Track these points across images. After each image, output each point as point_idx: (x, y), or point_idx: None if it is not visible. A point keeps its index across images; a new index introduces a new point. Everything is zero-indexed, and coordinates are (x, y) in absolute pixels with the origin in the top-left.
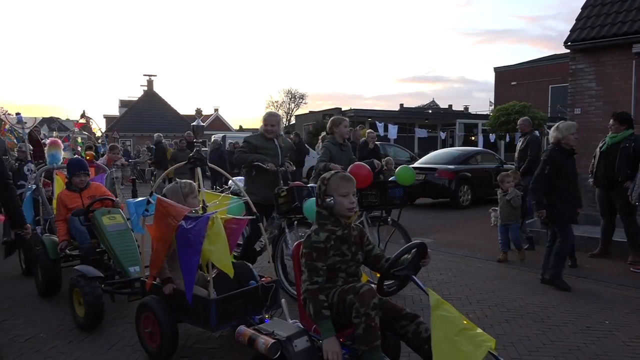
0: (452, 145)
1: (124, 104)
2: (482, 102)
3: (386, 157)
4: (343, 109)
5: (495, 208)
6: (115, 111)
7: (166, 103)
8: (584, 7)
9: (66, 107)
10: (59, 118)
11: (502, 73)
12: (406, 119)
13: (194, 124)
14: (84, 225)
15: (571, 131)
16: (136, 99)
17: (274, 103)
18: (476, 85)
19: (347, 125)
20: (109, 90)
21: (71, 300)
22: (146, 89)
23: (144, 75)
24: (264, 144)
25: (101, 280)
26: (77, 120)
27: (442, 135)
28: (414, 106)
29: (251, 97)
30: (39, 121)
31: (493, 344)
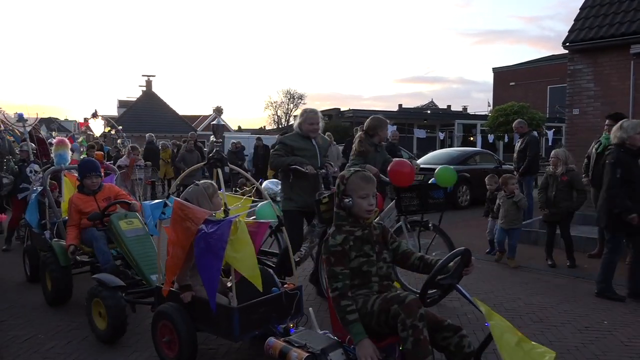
0: (450, 146)
1: (122, 104)
2: (480, 102)
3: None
4: (342, 109)
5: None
6: (114, 111)
7: (165, 103)
8: (582, 8)
9: (65, 108)
10: (57, 118)
11: (500, 73)
12: (405, 119)
13: (213, 122)
14: (100, 230)
15: (637, 130)
16: (135, 99)
17: (272, 103)
18: (475, 86)
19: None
20: (108, 90)
21: (90, 311)
22: (145, 89)
23: (143, 76)
24: (301, 143)
25: (122, 290)
26: (75, 120)
27: (441, 135)
28: (413, 107)
29: (250, 97)
30: (38, 119)
31: (555, 355)
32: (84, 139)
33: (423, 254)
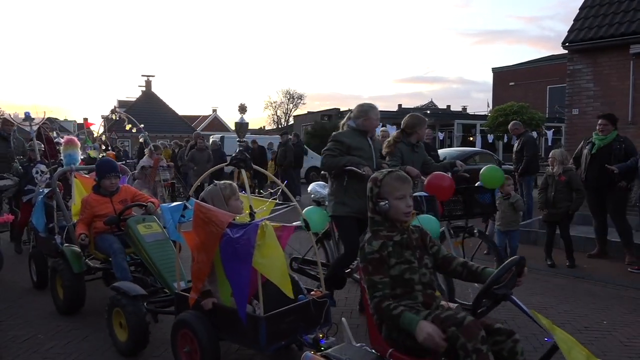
0: (450, 146)
1: (122, 104)
2: (480, 102)
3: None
4: (341, 109)
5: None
6: None
7: (164, 104)
8: (581, 8)
9: (65, 108)
10: (57, 119)
11: (500, 74)
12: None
13: (237, 121)
14: (116, 235)
15: None
16: (134, 99)
17: (272, 104)
18: (474, 86)
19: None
20: (107, 90)
21: (110, 322)
22: (144, 89)
23: (142, 76)
24: (358, 141)
25: (144, 299)
26: (74, 120)
27: (440, 135)
28: (413, 107)
29: (249, 97)
30: (45, 118)
31: None
32: (89, 138)
33: (466, 260)
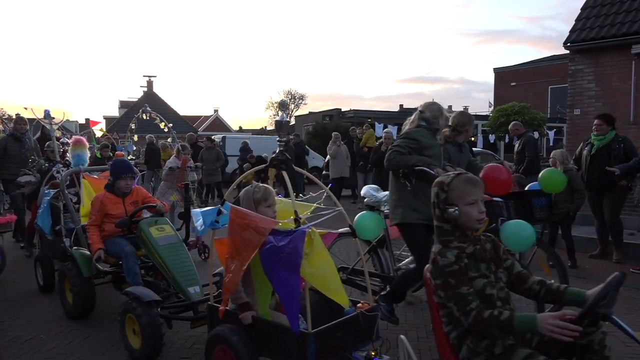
0: None
1: (123, 104)
2: (481, 102)
3: None
4: (343, 109)
5: None
6: (115, 112)
7: (166, 104)
8: (583, 8)
9: (67, 109)
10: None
11: (501, 74)
12: (406, 119)
13: (277, 119)
14: (128, 237)
15: None
16: (136, 99)
17: (273, 104)
18: (476, 86)
19: None
20: (109, 91)
21: (123, 327)
22: (146, 89)
23: (144, 76)
24: (430, 141)
25: (157, 304)
26: (76, 121)
27: None
28: (414, 107)
29: (251, 97)
30: (64, 120)
31: None
32: (95, 138)
33: (543, 278)
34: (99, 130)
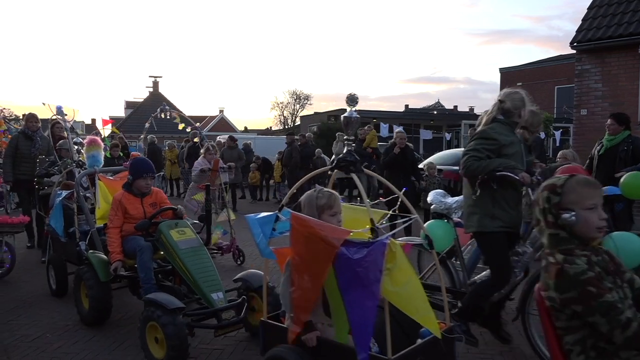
0: (457, 147)
1: (129, 105)
2: (487, 102)
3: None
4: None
5: None
6: (121, 112)
7: (172, 104)
8: (590, 8)
9: (72, 109)
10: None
11: (507, 74)
12: (411, 120)
13: (345, 115)
14: (147, 240)
15: None
16: (142, 100)
17: (279, 104)
18: (482, 86)
19: None
20: (115, 91)
21: (144, 336)
22: (152, 90)
23: (150, 77)
24: (510, 139)
25: (181, 311)
26: (82, 121)
27: (448, 136)
28: (419, 107)
29: (256, 98)
30: (75, 118)
31: None
32: (106, 138)
33: None
34: (112, 129)
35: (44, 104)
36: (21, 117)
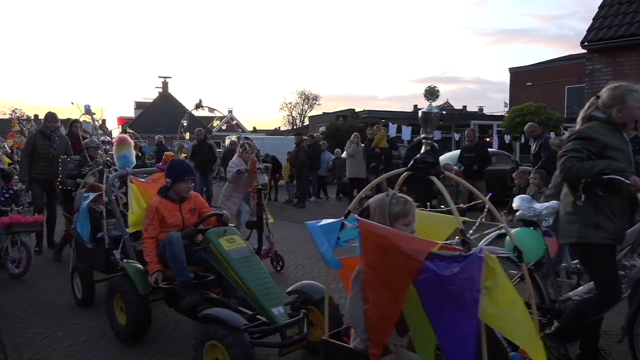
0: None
1: (139, 105)
2: (497, 102)
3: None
4: (357, 110)
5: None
6: (131, 112)
7: (181, 104)
8: (601, 7)
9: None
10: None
11: (517, 73)
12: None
13: (424, 109)
14: (195, 250)
15: None
16: (151, 100)
17: (287, 104)
18: (491, 86)
19: None
20: (125, 91)
21: (200, 356)
22: (161, 90)
23: (159, 77)
24: (613, 138)
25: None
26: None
27: (456, 136)
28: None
29: (265, 98)
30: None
31: None
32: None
33: None
34: (125, 129)
35: (72, 103)
36: (32, 118)
